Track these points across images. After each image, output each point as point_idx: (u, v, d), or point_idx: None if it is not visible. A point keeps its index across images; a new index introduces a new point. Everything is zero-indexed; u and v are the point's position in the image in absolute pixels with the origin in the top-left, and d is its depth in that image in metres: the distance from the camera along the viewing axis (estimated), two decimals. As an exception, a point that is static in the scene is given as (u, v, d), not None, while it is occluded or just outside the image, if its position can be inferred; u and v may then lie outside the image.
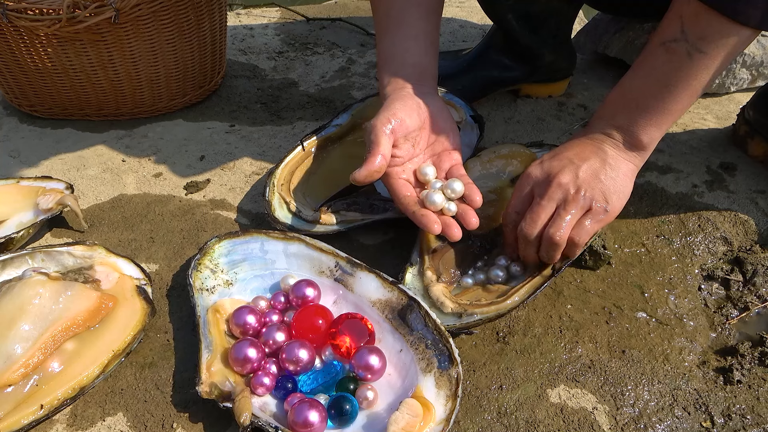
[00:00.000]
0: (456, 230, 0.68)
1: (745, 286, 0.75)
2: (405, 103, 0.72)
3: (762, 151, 0.91)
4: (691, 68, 0.64)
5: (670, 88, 0.65)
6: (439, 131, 0.75)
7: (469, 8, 1.44)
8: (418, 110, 0.73)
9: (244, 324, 0.66)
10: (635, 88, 0.67)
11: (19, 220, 0.81)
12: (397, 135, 0.71)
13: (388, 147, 0.70)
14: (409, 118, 0.72)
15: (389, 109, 0.71)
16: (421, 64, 0.76)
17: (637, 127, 0.68)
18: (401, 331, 0.66)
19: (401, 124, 0.71)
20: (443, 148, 0.76)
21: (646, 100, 0.67)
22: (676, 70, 0.64)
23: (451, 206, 0.71)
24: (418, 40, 0.76)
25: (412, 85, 0.75)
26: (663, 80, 0.65)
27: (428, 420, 0.58)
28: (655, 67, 0.65)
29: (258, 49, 1.25)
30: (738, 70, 1.04)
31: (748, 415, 0.63)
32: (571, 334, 0.70)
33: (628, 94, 0.68)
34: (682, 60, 0.64)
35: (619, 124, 0.68)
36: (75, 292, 0.67)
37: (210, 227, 0.83)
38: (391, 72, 0.76)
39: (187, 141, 1.00)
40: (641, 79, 0.67)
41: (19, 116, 1.06)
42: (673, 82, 0.65)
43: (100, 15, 0.89)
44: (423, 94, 0.74)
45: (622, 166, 0.68)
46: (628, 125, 0.68)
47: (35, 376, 0.62)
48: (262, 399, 0.62)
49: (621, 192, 0.68)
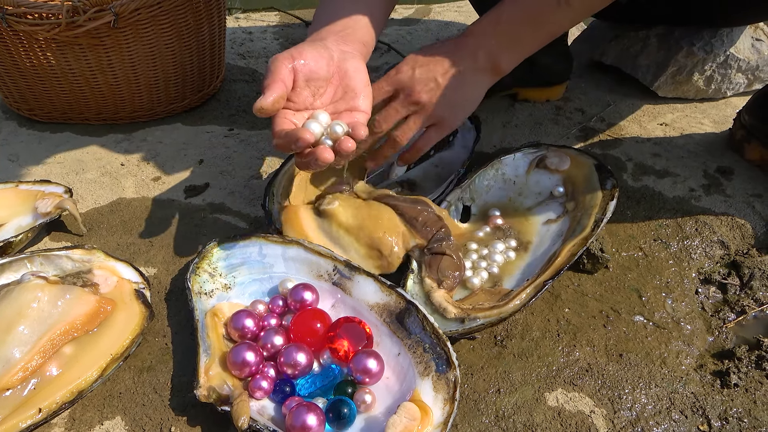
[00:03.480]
0: (327, 153, 0.63)
1: (742, 290, 0.76)
2: (316, 48, 0.69)
3: (758, 155, 0.91)
4: (558, 14, 0.73)
5: (537, 26, 0.74)
6: (348, 89, 0.70)
7: (466, 12, 1.44)
8: (329, 60, 0.69)
9: (243, 328, 0.66)
10: (509, 18, 0.74)
11: (18, 223, 0.81)
12: (298, 75, 0.67)
13: (288, 78, 0.65)
14: (315, 62, 0.67)
15: (297, 48, 0.68)
16: (352, 27, 0.74)
17: (502, 53, 0.75)
18: (399, 335, 0.66)
19: (305, 65, 0.67)
20: (348, 107, 0.70)
21: (516, 30, 0.74)
22: (545, 12, 0.73)
23: (327, 141, 0.65)
24: (358, 5, 0.76)
25: (333, 39, 0.72)
26: (533, 18, 0.74)
27: (426, 423, 0.58)
28: (530, 5, 0.73)
29: (257, 53, 1.26)
30: (734, 74, 1.04)
31: (745, 418, 0.63)
32: (569, 337, 0.70)
33: (503, 21, 0.74)
34: (552, 5, 0.72)
35: (486, 47, 0.75)
36: (73, 295, 0.67)
37: (209, 231, 0.84)
38: (316, 26, 0.74)
39: (186, 145, 1.00)
40: (516, 10, 0.74)
41: (18, 120, 1.06)
42: (541, 21, 0.74)
43: (100, 19, 0.89)
44: (342, 51, 0.71)
45: (478, 88, 0.76)
46: (495, 49, 0.75)
47: (33, 379, 0.62)
48: (260, 402, 0.62)
49: (468, 109, 0.77)
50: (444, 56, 0.75)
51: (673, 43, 1.03)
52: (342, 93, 0.71)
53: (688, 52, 1.01)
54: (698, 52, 1.01)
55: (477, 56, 0.74)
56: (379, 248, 0.73)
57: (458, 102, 0.75)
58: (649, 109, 1.06)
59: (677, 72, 1.04)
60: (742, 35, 1.02)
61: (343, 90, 0.70)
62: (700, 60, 1.02)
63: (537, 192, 0.83)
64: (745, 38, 1.03)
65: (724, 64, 1.03)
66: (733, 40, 1.02)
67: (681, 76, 1.04)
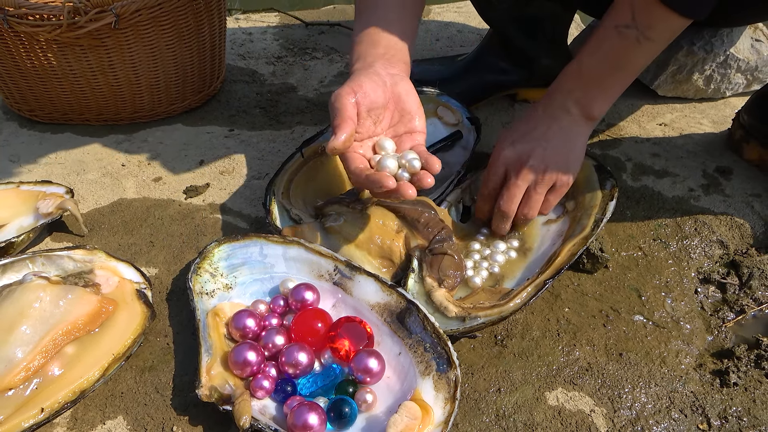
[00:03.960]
0: (410, 190, 0.65)
1: (741, 290, 0.76)
2: (371, 78, 0.70)
3: (757, 155, 0.92)
4: (639, 53, 0.72)
5: (621, 69, 0.74)
6: (404, 112, 0.73)
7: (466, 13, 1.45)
8: (384, 87, 0.71)
9: (244, 327, 0.67)
10: (591, 67, 0.75)
11: (20, 224, 0.81)
12: (361, 107, 0.68)
13: (354, 113, 0.68)
14: (373, 92, 0.69)
15: (355, 81, 0.69)
16: (394, 47, 0.75)
17: (591, 101, 0.75)
18: (400, 335, 0.66)
19: (365, 96, 0.69)
20: (406, 129, 0.73)
21: (600, 78, 0.75)
22: (626, 53, 0.72)
23: (404, 174, 0.67)
24: (393, 24, 0.76)
25: (380, 63, 0.73)
26: (615, 62, 0.73)
27: (427, 423, 0.59)
28: (609, 50, 0.73)
29: (257, 54, 1.26)
30: (733, 75, 1.05)
31: (745, 417, 0.63)
32: (569, 337, 0.70)
33: (585, 71, 0.75)
34: (632, 45, 0.71)
35: (575, 98, 0.76)
36: (75, 296, 0.67)
37: (209, 231, 0.84)
38: (361, 50, 0.75)
39: (186, 145, 1.00)
40: (597, 59, 0.74)
41: (19, 121, 1.06)
42: (624, 63, 0.73)
43: (101, 20, 0.89)
44: (391, 75, 0.73)
45: (579, 139, 0.77)
46: (584, 100, 0.75)
47: (36, 379, 0.62)
48: (261, 402, 0.62)
49: (577, 162, 0.77)
50: (537, 121, 0.77)
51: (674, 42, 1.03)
52: (399, 116, 0.73)
53: (689, 51, 1.02)
54: (698, 52, 1.01)
55: (569, 109, 0.76)
56: (390, 257, 0.74)
57: (567, 157, 0.76)
58: (648, 109, 1.06)
59: (677, 71, 1.04)
60: (741, 36, 1.03)
61: (399, 113, 0.73)
62: (700, 59, 1.02)
63: (537, 192, 0.83)
64: (745, 39, 1.03)
65: (724, 64, 1.03)
66: (733, 40, 1.02)
67: (681, 75, 1.04)
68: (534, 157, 0.74)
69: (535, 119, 0.77)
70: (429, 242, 0.73)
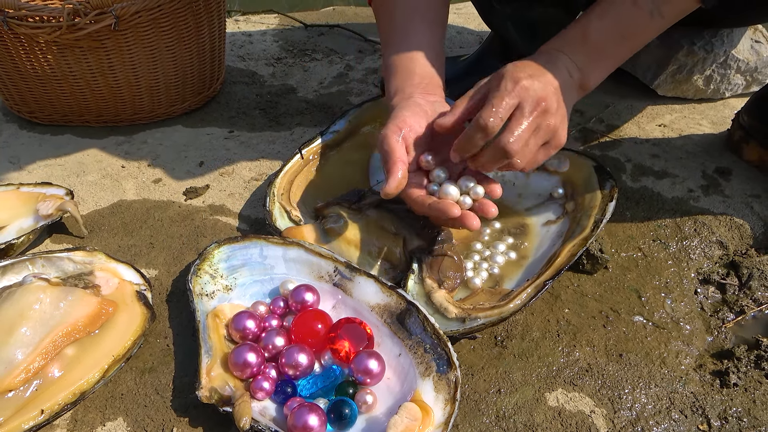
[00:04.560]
0: (475, 220, 0.67)
1: (740, 290, 0.76)
2: (413, 110, 0.72)
3: (757, 156, 0.92)
4: (649, 26, 0.70)
5: (627, 40, 0.71)
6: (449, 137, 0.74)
7: (466, 15, 1.45)
8: (426, 116, 0.73)
9: (244, 329, 0.67)
10: (598, 31, 0.71)
11: (20, 225, 0.81)
12: (408, 141, 0.71)
13: (402, 152, 0.70)
14: (418, 124, 0.72)
15: (398, 117, 0.71)
16: (428, 74, 0.77)
17: (592, 69, 0.72)
18: (400, 336, 0.66)
19: (411, 130, 0.71)
20: None
21: (605, 45, 0.71)
22: (637, 24, 0.70)
23: (466, 200, 0.69)
24: (423, 51, 0.77)
25: (419, 93, 0.75)
26: (623, 30, 0.70)
27: (427, 424, 0.59)
28: (620, 17, 0.70)
29: (257, 56, 1.26)
30: (733, 75, 1.05)
31: (745, 418, 0.63)
32: (569, 337, 0.70)
33: (591, 35, 0.71)
34: (645, 17, 0.69)
35: (578, 63, 0.72)
36: (75, 297, 0.67)
37: (209, 233, 0.84)
38: (398, 83, 0.76)
39: (186, 147, 1.00)
40: (605, 24, 0.71)
41: (19, 123, 1.06)
42: (631, 34, 0.71)
43: (101, 22, 0.89)
44: (430, 102, 0.74)
45: (570, 102, 0.72)
46: (585, 66, 0.72)
47: (36, 381, 0.62)
48: (261, 403, 0.62)
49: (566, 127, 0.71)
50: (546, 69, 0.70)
51: (674, 41, 1.03)
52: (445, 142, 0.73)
53: (689, 51, 1.02)
54: (699, 51, 1.01)
55: (570, 71, 0.71)
56: (390, 259, 0.74)
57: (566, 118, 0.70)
58: (647, 110, 1.06)
59: (677, 71, 1.04)
60: (742, 36, 1.03)
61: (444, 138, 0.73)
62: (701, 59, 1.02)
63: (537, 193, 0.83)
64: (745, 39, 1.03)
65: (724, 64, 1.03)
66: (733, 40, 1.02)
67: (681, 75, 1.04)
68: (553, 100, 0.67)
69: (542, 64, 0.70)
70: (429, 243, 0.73)
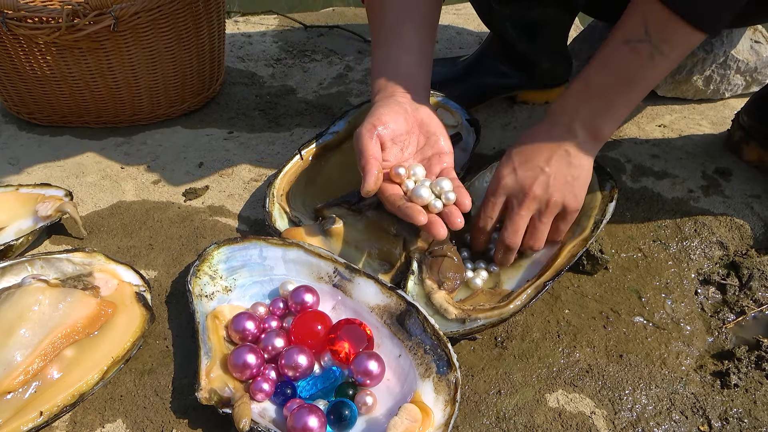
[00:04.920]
0: (441, 229, 0.67)
1: (741, 291, 0.76)
2: (391, 108, 0.73)
3: (757, 156, 0.92)
4: (653, 68, 0.67)
5: (632, 86, 0.69)
6: (429, 135, 0.75)
7: (465, 15, 1.45)
8: (405, 115, 0.73)
9: (243, 330, 0.66)
10: (599, 83, 0.70)
11: (19, 227, 0.81)
12: (384, 139, 0.71)
13: (377, 150, 0.70)
14: (394, 122, 0.72)
15: (374, 115, 0.72)
16: (413, 75, 0.77)
17: (600, 121, 0.70)
18: (400, 337, 0.66)
19: (386, 127, 0.71)
20: (434, 151, 0.75)
21: (609, 95, 0.70)
22: (638, 69, 0.67)
23: (437, 203, 0.69)
24: (411, 52, 0.77)
25: (401, 93, 0.75)
26: (626, 78, 0.68)
27: (427, 425, 0.58)
28: (619, 65, 0.68)
29: (256, 57, 1.26)
30: (732, 76, 1.05)
31: (745, 418, 0.63)
32: (569, 338, 0.70)
33: (593, 89, 0.70)
34: (645, 60, 0.67)
35: (582, 119, 0.71)
36: (74, 299, 0.67)
37: (209, 234, 0.84)
38: (381, 82, 0.76)
39: (185, 148, 1.00)
40: (605, 75, 0.69)
41: (18, 124, 1.06)
42: (635, 80, 0.68)
43: (100, 23, 0.89)
44: (411, 102, 0.75)
45: (585, 163, 0.71)
46: (591, 119, 0.70)
47: (35, 382, 0.62)
48: (261, 405, 0.62)
49: (584, 186, 0.72)
50: (540, 143, 0.72)
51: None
52: (425, 140, 0.75)
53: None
54: (698, 52, 1.01)
55: (574, 131, 0.70)
56: (390, 259, 0.74)
57: (572, 183, 0.71)
58: (647, 110, 1.06)
59: (677, 71, 1.04)
60: (741, 37, 1.03)
61: (424, 137, 0.75)
62: (700, 59, 1.02)
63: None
64: (745, 40, 1.03)
65: (724, 65, 1.03)
66: (733, 41, 1.02)
67: (681, 75, 1.04)
68: (538, 186, 0.70)
69: (538, 140, 0.73)
70: (429, 244, 0.73)
